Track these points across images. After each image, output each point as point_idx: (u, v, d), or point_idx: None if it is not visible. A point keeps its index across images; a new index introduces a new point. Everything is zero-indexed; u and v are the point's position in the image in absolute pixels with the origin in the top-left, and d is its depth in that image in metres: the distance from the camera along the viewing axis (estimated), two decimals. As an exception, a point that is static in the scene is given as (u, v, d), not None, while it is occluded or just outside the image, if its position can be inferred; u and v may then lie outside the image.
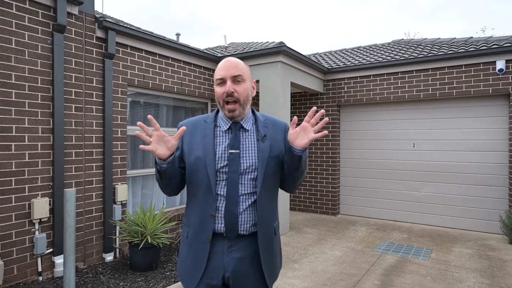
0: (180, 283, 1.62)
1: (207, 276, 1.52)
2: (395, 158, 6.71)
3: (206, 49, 7.67)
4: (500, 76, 5.61)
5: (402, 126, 6.64)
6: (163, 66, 5.16)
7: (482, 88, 5.75)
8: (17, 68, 3.54)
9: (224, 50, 6.79)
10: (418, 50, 6.85)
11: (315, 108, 1.49)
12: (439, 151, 6.27)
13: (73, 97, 4.02)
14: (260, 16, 75.01)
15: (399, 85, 6.49)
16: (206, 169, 1.52)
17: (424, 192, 6.42)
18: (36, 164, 3.69)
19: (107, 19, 4.31)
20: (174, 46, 5.20)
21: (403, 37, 24.31)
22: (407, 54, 6.74)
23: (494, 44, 5.76)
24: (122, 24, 4.72)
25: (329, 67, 7.11)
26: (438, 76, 6.13)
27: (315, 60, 7.64)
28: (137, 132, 1.42)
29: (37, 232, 3.68)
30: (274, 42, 6.08)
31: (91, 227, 4.21)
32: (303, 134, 1.46)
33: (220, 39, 54.67)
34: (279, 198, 3.88)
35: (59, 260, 3.80)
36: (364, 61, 7.03)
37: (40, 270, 3.71)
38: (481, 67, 5.77)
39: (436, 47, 6.84)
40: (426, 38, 7.96)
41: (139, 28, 5.27)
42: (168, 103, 5.57)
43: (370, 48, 8.52)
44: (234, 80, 1.53)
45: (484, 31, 24.79)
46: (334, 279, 3.85)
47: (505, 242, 5.27)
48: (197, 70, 5.75)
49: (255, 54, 5.73)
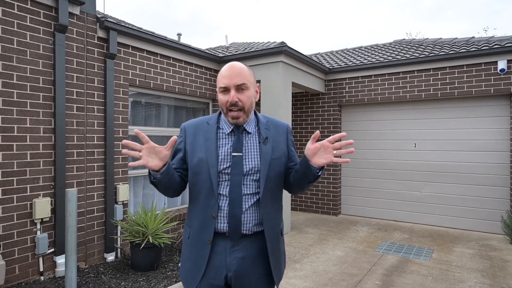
0: (181, 283, 1.61)
1: (208, 276, 1.52)
2: (396, 158, 6.70)
3: (207, 49, 7.67)
4: (502, 76, 5.60)
5: (404, 126, 6.64)
6: (165, 66, 5.16)
7: (483, 88, 5.74)
8: (18, 68, 3.54)
9: (225, 50, 6.79)
10: (419, 50, 6.84)
11: (344, 134, 1.43)
12: (440, 151, 6.27)
13: (74, 97, 4.03)
14: (261, 16, 75.07)
15: (401, 85, 6.48)
16: (208, 170, 1.52)
17: (426, 192, 6.41)
18: (38, 164, 3.70)
19: (109, 19, 4.32)
20: (175, 46, 5.20)
21: (405, 37, 24.32)
22: (408, 54, 6.73)
23: (495, 44, 5.75)
24: (123, 24, 4.72)
25: (330, 67, 7.10)
26: (439, 76, 6.12)
27: (316, 60, 7.64)
28: (123, 151, 1.38)
29: (38, 232, 3.69)
30: (275, 42, 6.08)
31: (92, 227, 4.22)
32: (323, 153, 1.42)
33: (221, 39, 54.72)
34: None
35: (60, 260, 3.81)
36: (365, 61, 7.02)
37: (41, 270, 3.72)
38: (482, 67, 5.76)
39: (438, 47, 6.83)
40: (427, 38, 7.94)
41: (141, 28, 5.27)
42: (169, 103, 5.57)
43: (372, 48, 8.51)
44: (238, 88, 1.50)
45: (486, 31, 24.76)
46: (335, 279, 3.85)
47: (506, 242, 5.26)
48: (198, 70, 5.76)
49: (256, 54, 5.73)
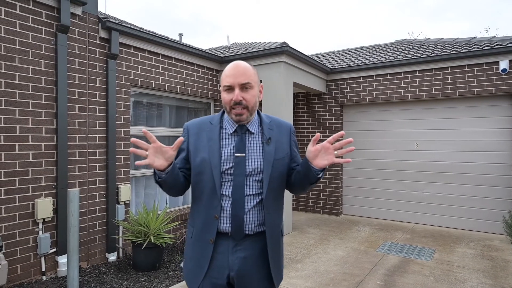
0: (184, 282, 1.62)
1: (211, 275, 1.52)
2: (398, 158, 6.69)
3: (209, 49, 7.68)
4: (504, 76, 5.59)
5: (405, 126, 6.63)
6: (166, 67, 5.17)
7: (485, 88, 5.73)
8: (21, 68, 3.55)
9: (227, 50, 6.79)
10: (421, 50, 6.83)
11: (343, 133, 1.43)
12: (442, 151, 6.26)
13: (76, 97, 4.04)
14: (263, 16, 75.07)
15: (402, 85, 6.48)
16: (211, 171, 1.51)
17: (427, 192, 6.40)
18: (40, 164, 3.71)
19: (110, 20, 4.33)
20: (177, 46, 5.21)
21: (406, 37, 24.26)
22: (410, 54, 6.72)
23: (497, 44, 5.74)
24: (125, 24, 4.73)
25: (332, 67, 7.10)
26: (441, 76, 6.11)
27: (318, 60, 7.63)
28: (131, 149, 1.40)
29: (40, 232, 3.70)
30: (277, 42, 6.09)
31: (94, 227, 4.23)
32: (324, 154, 1.42)
33: (223, 39, 54.62)
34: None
35: (62, 259, 3.82)
36: (367, 61, 7.02)
37: (43, 269, 3.73)
38: (484, 67, 5.75)
39: (439, 47, 6.82)
40: (429, 38, 7.93)
41: (142, 28, 5.28)
42: (171, 103, 5.58)
43: (373, 48, 8.50)
44: (243, 87, 1.50)
45: (487, 31, 24.69)
46: (336, 279, 3.85)
47: (508, 242, 5.25)
48: (200, 70, 5.76)
49: (258, 54, 5.74)
